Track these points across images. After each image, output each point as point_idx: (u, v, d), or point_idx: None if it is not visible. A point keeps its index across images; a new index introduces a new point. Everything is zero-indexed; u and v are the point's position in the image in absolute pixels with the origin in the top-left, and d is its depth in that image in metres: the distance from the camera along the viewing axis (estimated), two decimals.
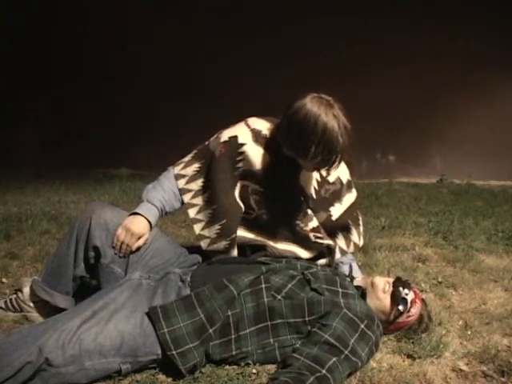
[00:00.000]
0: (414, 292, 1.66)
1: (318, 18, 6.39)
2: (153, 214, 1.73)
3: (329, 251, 1.87)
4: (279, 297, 1.48)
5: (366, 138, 6.54)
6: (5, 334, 1.39)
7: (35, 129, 7.37)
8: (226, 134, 1.79)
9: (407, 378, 1.42)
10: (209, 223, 1.80)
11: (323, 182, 1.84)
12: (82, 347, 1.30)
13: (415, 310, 1.62)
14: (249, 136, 1.76)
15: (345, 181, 1.90)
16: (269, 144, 1.75)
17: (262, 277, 1.53)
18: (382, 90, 6.33)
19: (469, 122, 6.52)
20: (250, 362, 1.45)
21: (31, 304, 1.72)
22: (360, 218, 1.98)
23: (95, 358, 1.31)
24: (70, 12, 7.26)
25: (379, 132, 6.59)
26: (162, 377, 1.40)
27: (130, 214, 1.70)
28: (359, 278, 1.75)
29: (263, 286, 1.50)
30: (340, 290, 1.54)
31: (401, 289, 1.61)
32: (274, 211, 1.80)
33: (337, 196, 1.88)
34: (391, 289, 1.62)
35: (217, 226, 1.78)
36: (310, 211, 1.82)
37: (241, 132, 1.77)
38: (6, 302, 1.75)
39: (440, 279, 2.28)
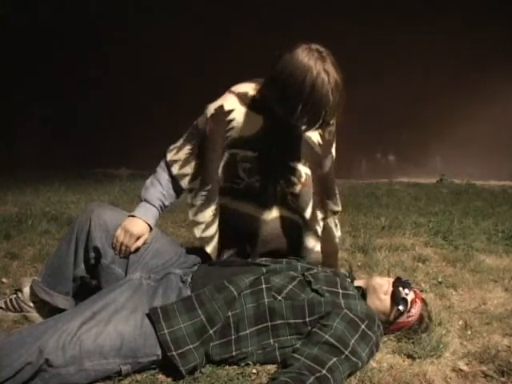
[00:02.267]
0: (414, 292, 1.66)
1: (318, 17, 6.39)
2: (151, 214, 1.72)
3: (303, 221, 1.78)
4: (280, 297, 1.48)
5: (366, 138, 6.56)
6: (5, 335, 1.39)
7: (35, 129, 7.37)
8: (211, 108, 1.70)
9: (407, 378, 1.42)
10: (203, 206, 1.73)
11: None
12: (83, 348, 1.30)
13: (415, 310, 1.62)
14: (235, 101, 1.67)
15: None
16: (258, 104, 1.65)
17: (262, 277, 1.53)
18: (381, 90, 6.33)
19: (469, 122, 6.51)
20: (250, 362, 1.45)
21: (31, 304, 1.72)
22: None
23: (95, 359, 1.31)
24: (71, 11, 7.26)
25: (379, 132, 6.59)
26: (161, 377, 1.40)
27: (129, 216, 1.70)
28: (360, 279, 1.75)
29: (263, 286, 1.50)
30: (340, 290, 1.54)
31: (401, 289, 1.61)
32: (266, 176, 1.72)
33: (334, 135, 1.82)
34: (391, 289, 1.62)
35: (213, 207, 1.73)
36: (294, 178, 1.72)
37: (226, 100, 1.68)
38: (5, 301, 1.75)
39: (440, 279, 2.28)
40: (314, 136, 1.75)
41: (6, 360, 1.24)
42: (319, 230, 1.84)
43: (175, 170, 1.76)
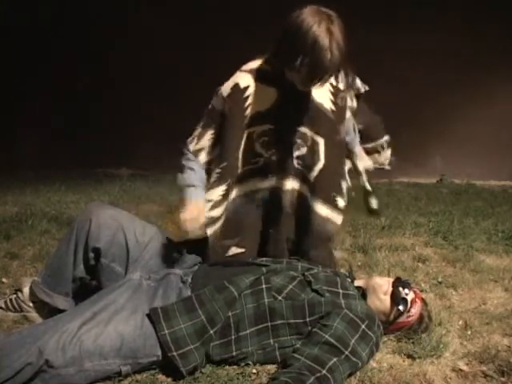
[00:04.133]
0: (414, 292, 1.66)
1: None
2: (199, 192, 1.70)
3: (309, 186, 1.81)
4: (280, 297, 1.48)
5: None
6: (5, 335, 1.40)
7: (35, 129, 7.36)
8: (226, 88, 1.72)
9: (407, 378, 1.42)
10: (215, 183, 1.72)
11: (336, 90, 1.78)
12: (83, 349, 1.30)
13: (415, 310, 1.62)
14: (249, 78, 1.70)
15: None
16: (270, 76, 1.69)
17: (262, 277, 1.53)
18: (381, 90, 6.31)
19: (469, 122, 6.50)
20: (250, 362, 1.45)
21: (31, 304, 1.72)
22: None
23: (95, 360, 1.32)
24: (71, 11, 7.25)
25: None
26: (162, 377, 1.40)
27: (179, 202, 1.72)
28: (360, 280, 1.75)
29: (264, 286, 1.50)
30: (341, 290, 1.54)
31: (401, 289, 1.61)
32: (282, 148, 1.74)
33: (346, 100, 1.83)
34: (391, 289, 1.62)
35: (223, 187, 1.72)
36: (301, 142, 1.76)
37: (240, 78, 1.71)
38: (6, 301, 1.75)
39: (440, 279, 2.28)
40: (326, 103, 1.76)
41: (5, 360, 1.24)
42: (340, 200, 1.91)
43: (203, 158, 1.76)
